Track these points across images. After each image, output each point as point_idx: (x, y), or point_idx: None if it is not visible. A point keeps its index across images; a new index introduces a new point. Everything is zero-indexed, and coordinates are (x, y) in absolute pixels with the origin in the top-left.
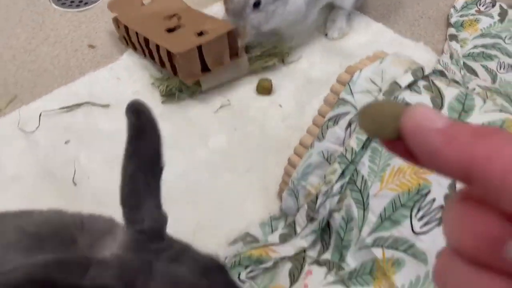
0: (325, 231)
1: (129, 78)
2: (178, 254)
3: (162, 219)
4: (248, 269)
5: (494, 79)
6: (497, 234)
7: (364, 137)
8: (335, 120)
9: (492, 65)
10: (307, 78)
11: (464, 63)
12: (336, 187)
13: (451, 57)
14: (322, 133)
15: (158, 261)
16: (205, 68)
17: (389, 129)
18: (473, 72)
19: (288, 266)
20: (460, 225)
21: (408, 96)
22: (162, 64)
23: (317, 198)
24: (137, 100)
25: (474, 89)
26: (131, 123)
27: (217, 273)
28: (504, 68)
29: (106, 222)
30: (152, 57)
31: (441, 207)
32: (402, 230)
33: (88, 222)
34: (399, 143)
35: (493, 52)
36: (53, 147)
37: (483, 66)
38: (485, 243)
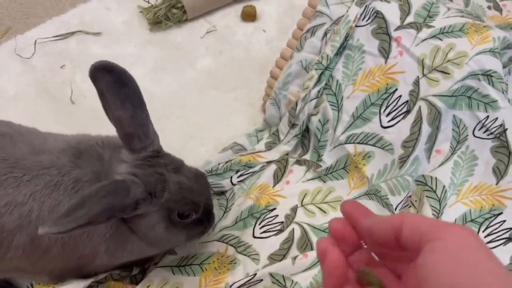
0: (304, 136)
1: (118, 8)
2: (178, 166)
3: (158, 138)
4: (239, 173)
5: (467, 3)
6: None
7: (338, 44)
8: (312, 31)
9: None
10: (290, 4)
11: None
12: (313, 92)
13: None
14: (300, 44)
15: (168, 172)
16: None
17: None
18: None
19: (273, 168)
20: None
21: (378, 5)
22: None
23: (296, 104)
24: (102, 61)
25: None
26: (107, 80)
27: (202, 179)
28: None
29: (115, 140)
30: None
31: (406, 102)
32: (372, 126)
33: (105, 141)
34: None
35: None
36: (50, 71)
37: None
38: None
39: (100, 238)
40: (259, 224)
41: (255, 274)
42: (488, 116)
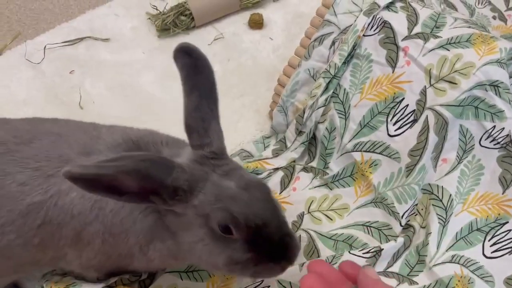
0: (311, 143)
1: (126, 15)
2: (230, 171)
3: (223, 139)
4: None
5: (472, 13)
6: None
7: (345, 53)
8: (320, 40)
9: (471, 0)
10: (297, 13)
11: None
12: (321, 100)
13: None
14: (308, 53)
15: (214, 173)
16: None
17: None
18: (453, 7)
19: (280, 175)
20: None
21: (386, 15)
22: None
23: (304, 112)
24: (185, 43)
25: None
26: (184, 62)
27: (257, 189)
28: (481, 3)
29: (180, 142)
30: None
31: (413, 111)
32: (379, 134)
33: (170, 141)
34: None
35: None
36: (59, 76)
37: (462, 1)
38: None
39: (134, 239)
40: None
41: (262, 281)
42: (494, 126)
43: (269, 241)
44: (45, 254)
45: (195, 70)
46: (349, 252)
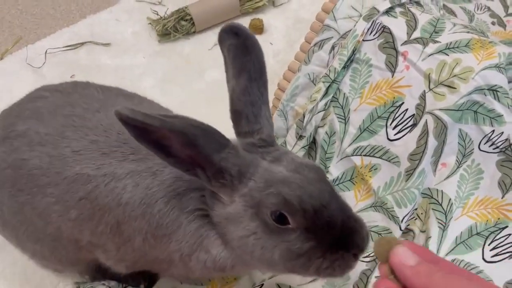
0: (311, 148)
1: (127, 20)
2: (279, 156)
3: (273, 125)
4: None
5: (471, 19)
6: None
7: (345, 57)
8: (320, 45)
9: (470, 6)
10: (297, 18)
11: (444, 4)
12: (321, 104)
13: None
14: (308, 57)
15: (264, 160)
16: None
17: (383, 257)
18: (452, 13)
19: None
20: None
21: (386, 20)
22: None
23: (304, 116)
24: (233, 23)
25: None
26: (231, 43)
27: (310, 170)
28: (481, 9)
29: None
30: None
31: (413, 115)
32: (378, 139)
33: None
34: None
35: None
36: (60, 81)
37: (462, 7)
38: None
39: (176, 245)
40: None
41: (262, 285)
42: (493, 130)
43: (332, 225)
44: (83, 234)
45: (243, 51)
46: None
